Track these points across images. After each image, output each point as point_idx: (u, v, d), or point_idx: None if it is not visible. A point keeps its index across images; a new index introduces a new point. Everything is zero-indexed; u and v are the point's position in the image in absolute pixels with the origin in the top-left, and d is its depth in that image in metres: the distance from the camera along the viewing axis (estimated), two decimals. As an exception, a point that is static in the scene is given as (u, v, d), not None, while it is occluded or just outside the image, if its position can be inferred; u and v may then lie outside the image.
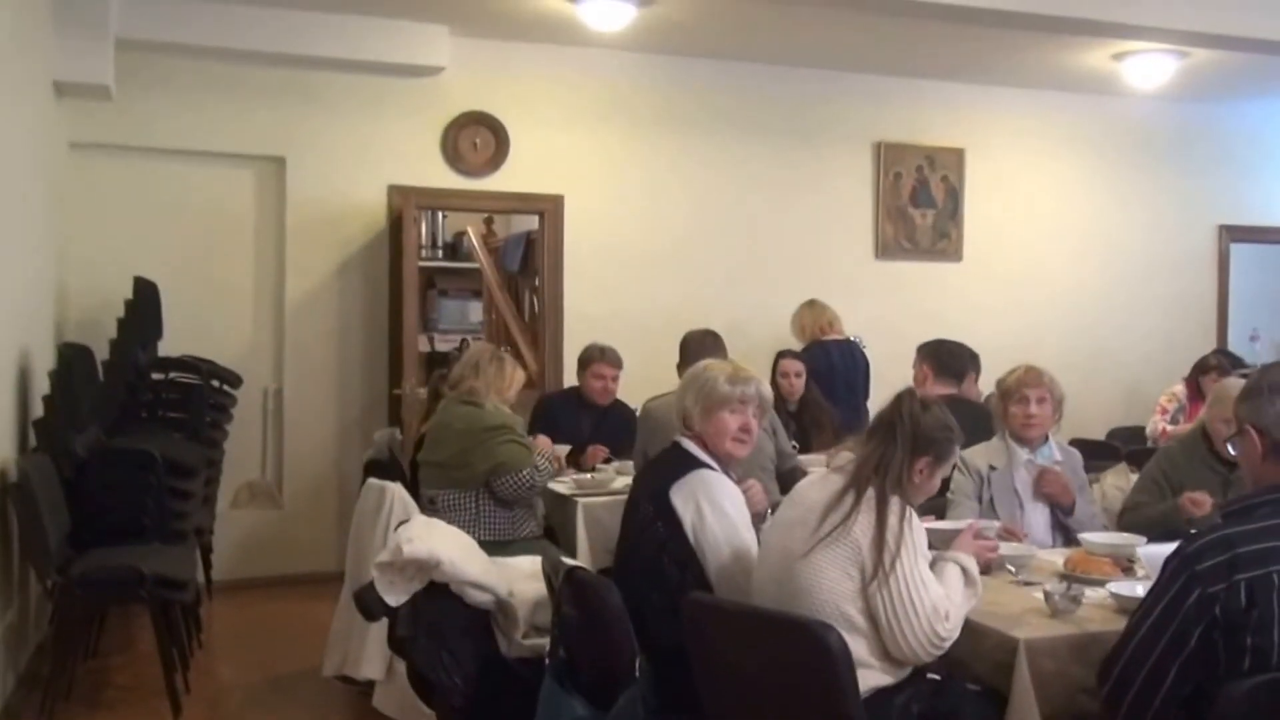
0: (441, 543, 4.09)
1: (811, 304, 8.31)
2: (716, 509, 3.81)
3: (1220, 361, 8.15)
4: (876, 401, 6.17)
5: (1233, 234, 10.65)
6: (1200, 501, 4.61)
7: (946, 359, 5.86)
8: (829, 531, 3.31)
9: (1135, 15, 7.18)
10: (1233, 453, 3.12)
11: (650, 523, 3.86)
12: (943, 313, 9.40)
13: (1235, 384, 5.26)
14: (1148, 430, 8.29)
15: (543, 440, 6.15)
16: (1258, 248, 11.03)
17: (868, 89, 9.45)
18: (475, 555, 4.19)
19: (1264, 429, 2.81)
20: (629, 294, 8.82)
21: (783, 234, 9.28)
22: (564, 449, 6.42)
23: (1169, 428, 7.93)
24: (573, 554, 5.57)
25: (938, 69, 9.26)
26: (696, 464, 3.94)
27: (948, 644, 3.31)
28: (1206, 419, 5.20)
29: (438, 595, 4.05)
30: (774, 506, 4.21)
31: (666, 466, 4.01)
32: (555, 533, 5.86)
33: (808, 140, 9.36)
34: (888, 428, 3.49)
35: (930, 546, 3.47)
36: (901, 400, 3.54)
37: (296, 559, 8.13)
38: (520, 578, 4.26)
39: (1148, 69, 8.65)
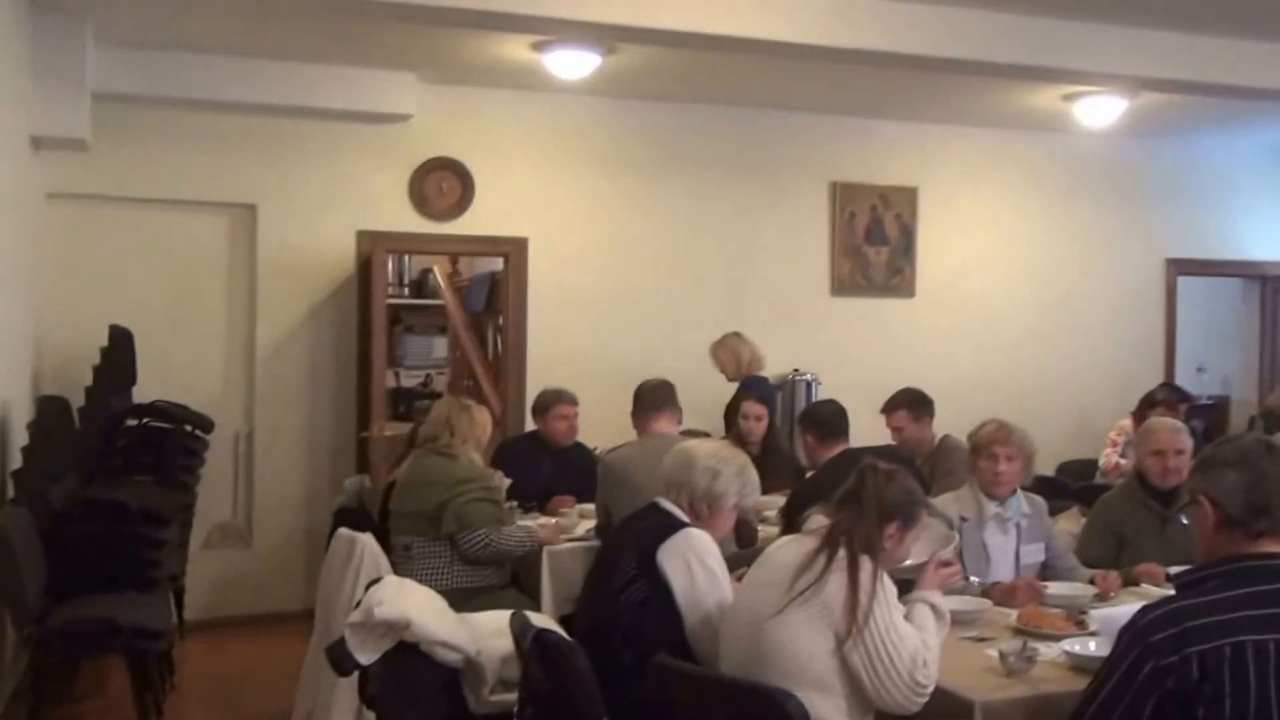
0: (412, 604, 4.10)
1: (740, 336, 8.24)
2: (705, 568, 3.87)
3: (1167, 396, 8.21)
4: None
5: (1180, 267, 10.72)
6: (1154, 573, 4.61)
7: (825, 423, 5.87)
8: (801, 591, 3.32)
9: (1086, 62, 7.27)
10: (1185, 522, 3.12)
11: (631, 581, 3.89)
12: (896, 348, 9.51)
13: (1162, 422, 5.37)
14: (1101, 464, 8.34)
15: (546, 528, 6.07)
16: (1204, 281, 11.12)
17: (823, 130, 9.50)
18: (444, 615, 4.19)
19: (1217, 500, 2.79)
20: (592, 335, 8.83)
21: (742, 272, 9.31)
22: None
23: (1122, 461, 7.95)
24: (537, 600, 5.60)
25: (891, 110, 9.33)
26: (680, 524, 4.00)
27: (930, 689, 3.31)
28: (1137, 457, 5.26)
29: (408, 653, 4.07)
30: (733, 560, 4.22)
31: (649, 526, 4.05)
32: (519, 578, 5.84)
33: (766, 180, 9.40)
34: (854, 500, 3.50)
35: (894, 581, 3.48)
36: (864, 473, 3.55)
37: (267, 599, 8.11)
38: (488, 634, 4.26)
39: (1097, 109, 8.71)
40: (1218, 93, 7.89)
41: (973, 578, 4.44)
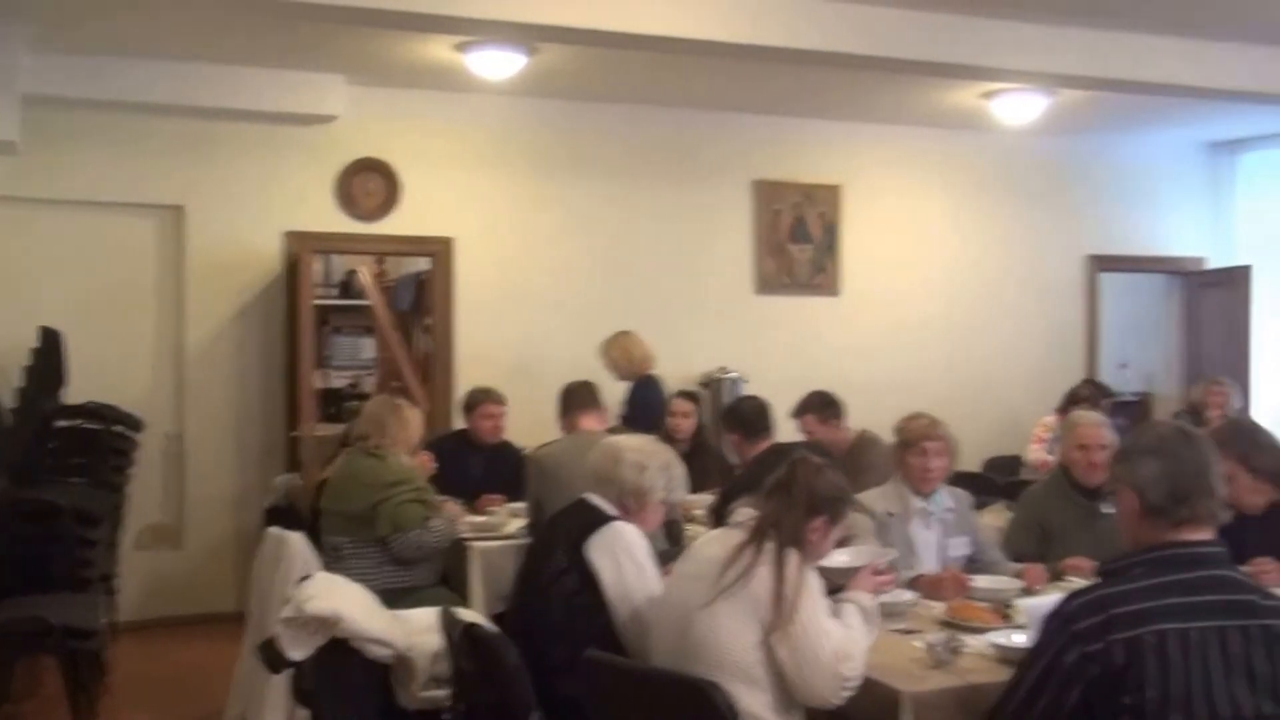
0: (343, 600, 4.10)
1: (630, 334, 8.15)
2: (633, 561, 3.91)
3: (1091, 392, 8.28)
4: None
5: (1102, 264, 10.82)
6: (1081, 567, 4.63)
7: (749, 420, 5.92)
8: (729, 584, 3.35)
9: (1004, 60, 7.34)
10: (1110, 512, 3.15)
11: (561, 575, 3.92)
12: (821, 345, 9.57)
13: (1087, 416, 5.42)
14: (1029, 459, 8.41)
15: (450, 507, 6.05)
16: (1126, 277, 11.24)
17: (747, 128, 9.54)
18: (375, 611, 4.19)
19: (1139, 489, 2.80)
20: (518, 334, 8.84)
21: (667, 271, 9.33)
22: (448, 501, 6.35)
23: (1049, 458, 7.97)
24: (466, 598, 5.59)
25: (814, 108, 9.38)
26: (608, 517, 4.03)
27: (854, 683, 3.34)
28: (1063, 452, 5.30)
29: (339, 650, 4.06)
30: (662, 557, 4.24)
31: (578, 520, 4.07)
32: (450, 577, 5.83)
33: (690, 179, 9.43)
34: (784, 491, 3.54)
35: (830, 584, 3.52)
36: (796, 465, 3.59)
37: (198, 599, 8.08)
38: (419, 630, 4.26)
39: (1017, 107, 8.79)
40: (1136, 89, 7.98)
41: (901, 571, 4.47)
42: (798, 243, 9.77)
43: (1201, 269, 11.14)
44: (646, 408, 7.65)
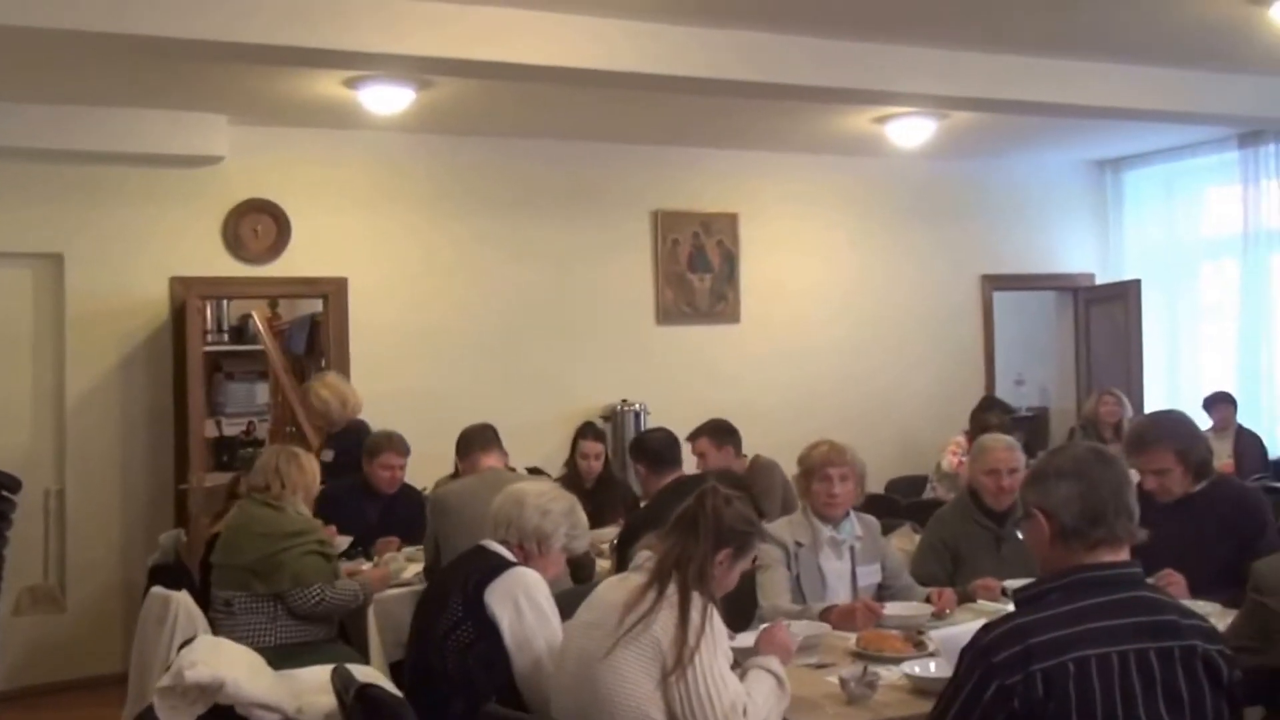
0: (226, 664, 3.80)
1: (340, 376, 7.73)
2: (535, 607, 3.71)
3: (1001, 420, 8.20)
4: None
5: (995, 283, 10.84)
6: (990, 588, 4.54)
7: (655, 452, 5.73)
8: (629, 629, 3.16)
9: (894, 83, 7.24)
10: (1021, 536, 3.02)
11: (458, 624, 3.71)
12: (723, 373, 9.41)
13: (996, 440, 5.30)
14: (943, 466, 8.30)
15: (371, 575, 5.73)
16: (1019, 295, 11.27)
17: (643, 159, 9.38)
18: (261, 674, 3.90)
19: (1052, 512, 2.70)
20: (415, 373, 8.55)
21: (566, 305, 9.13)
22: (345, 540, 6.06)
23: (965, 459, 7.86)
24: (365, 650, 5.32)
25: (711, 137, 9.25)
26: (508, 563, 3.83)
27: None
28: (971, 475, 5.19)
29: (223, 717, 3.75)
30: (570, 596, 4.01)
31: (476, 567, 3.86)
32: (347, 629, 5.53)
33: (587, 211, 9.25)
34: (690, 522, 3.35)
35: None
36: (705, 495, 3.41)
37: (83, 663, 7.66)
38: (310, 691, 3.98)
39: (908, 130, 8.75)
40: (1024, 110, 7.96)
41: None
42: (697, 272, 9.62)
43: (1091, 285, 11.22)
44: (353, 455, 6.96)
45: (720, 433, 6.72)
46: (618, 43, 6.46)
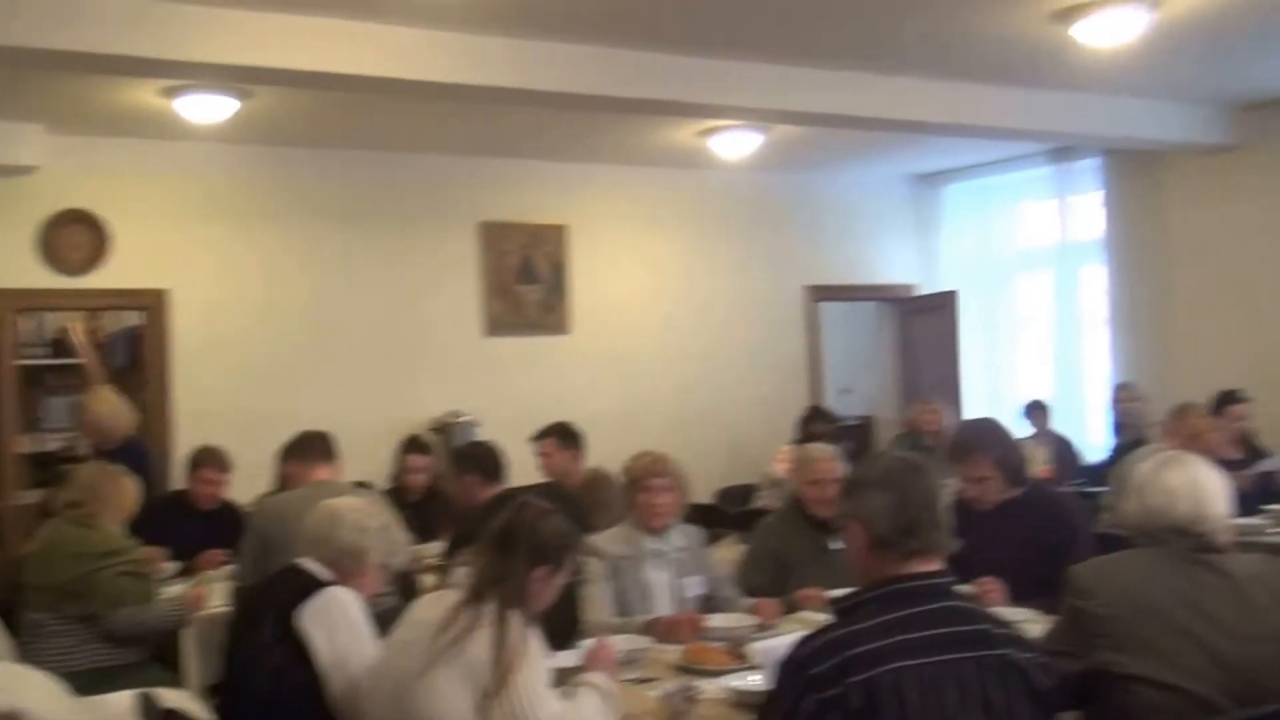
0: (24, 691, 3.56)
1: (114, 391, 7.27)
2: (349, 627, 3.57)
3: (827, 429, 8.25)
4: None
5: (819, 293, 10.94)
6: (815, 597, 4.50)
7: (480, 464, 5.62)
8: (445, 649, 3.05)
9: (718, 97, 7.20)
10: (842, 545, 2.98)
11: (271, 646, 3.54)
12: (553, 385, 9.35)
13: (820, 450, 5.29)
14: (772, 475, 8.22)
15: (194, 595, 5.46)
16: (844, 305, 11.42)
17: (470, 171, 9.28)
18: (61, 701, 3.67)
19: (866, 522, 2.70)
20: (238, 386, 8.35)
21: (392, 316, 9.00)
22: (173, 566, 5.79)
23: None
24: (181, 673, 5.09)
25: (537, 149, 9.18)
26: (322, 583, 3.67)
27: None
28: (796, 485, 5.17)
29: (23, 749, 3.52)
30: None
31: (289, 587, 3.69)
32: (164, 651, 5.28)
33: (413, 223, 9.13)
34: (506, 538, 3.26)
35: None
36: (522, 511, 3.32)
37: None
38: (115, 717, 3.76)
39: (733, 143, 8.77)
40: (842, 124, 8.00)
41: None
42: (526, 283, 9.55)
43: (912, 295, 11.41)
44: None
45: (567, 435, 6.73)
46: (438, 53, 6.32)
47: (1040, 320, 10.70)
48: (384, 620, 3.68)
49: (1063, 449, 8.95)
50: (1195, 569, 3.06)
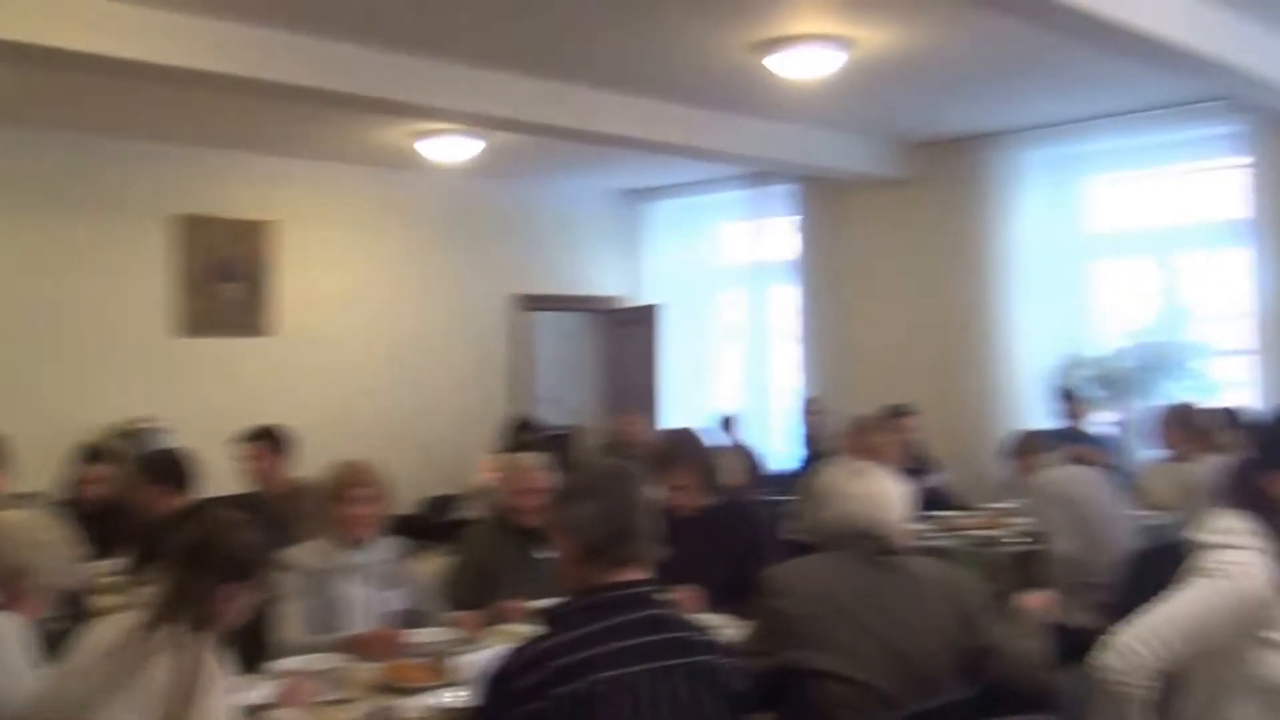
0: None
1: None
2: (5, 658, 3.21)
3: (534, 438, 8.17)
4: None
5: (529, 303, 10.91)
6: (520, 608, 4.36)
7: (167, 473, 5.34)
8: (121, 675, 2.79)
9: (429, 98, 7.01)
10: (549, 554, 2.93)
11: None
12: (255, 388, 8.98)
13: (522, 459, 5.23)
14: (477, 484, 8.06)
15: None
16: (553, 315, 11.41)
17: (164, 159, 8.75)
18: None
19: (576, 531, 2.70)
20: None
21: (71, 315, 8.36)
22: None
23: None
24: None
25: (243, 141, 8.77)
26: None
27: None
28: (503, 494, 5.08)
29: None
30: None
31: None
32: None
33: (96, 213, 8.49)
34: (194, 553, 2.98)
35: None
36: (211, 523, 3.06)
37: None
38: None
39: (446, 148, 8.64)
40: (550, 134, 7.98)
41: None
42: (225, 281, 9.08)
43: (619, 307, 11.53)
44: None
45: (278, 439, 6.43)
46: (130, 27, 5.80)
47: (735, 335, 10.98)
48: (54, 645, 3.36)
49: (751, 459, 9.15)
50: (876, 570, 3.20)
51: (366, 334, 9.83)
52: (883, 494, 3.31)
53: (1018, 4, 5.43)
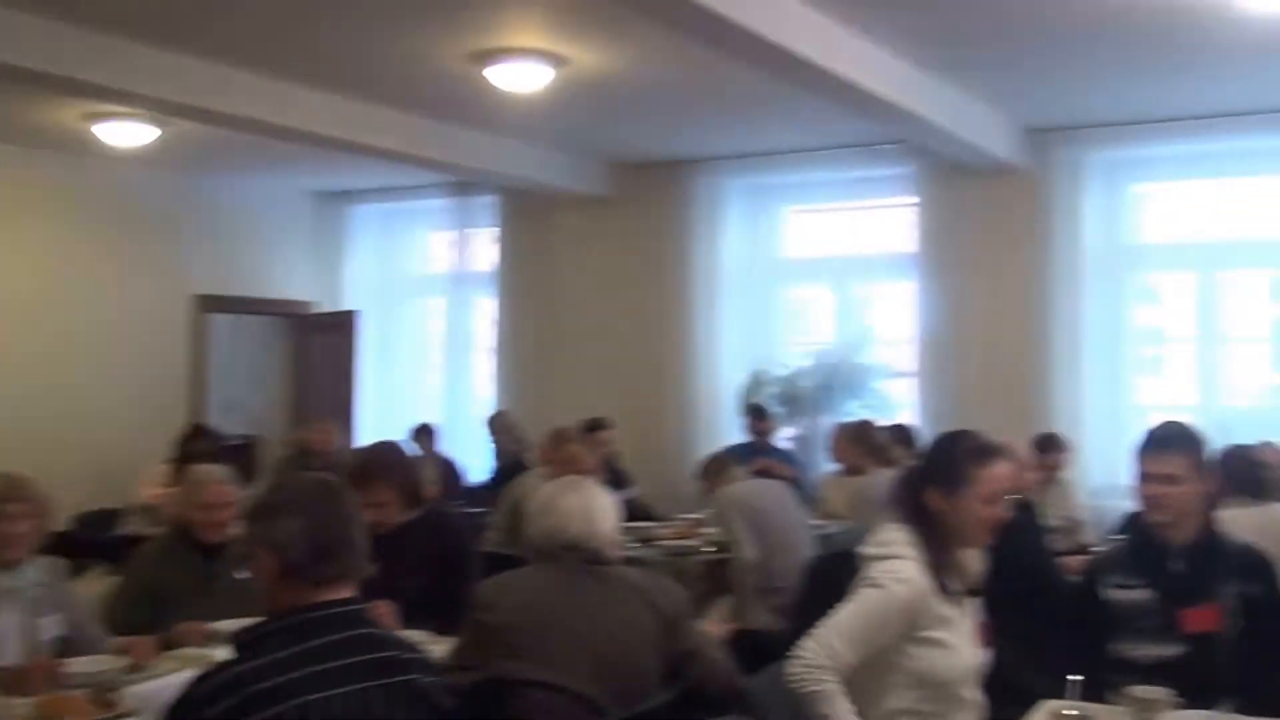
0: None
1: None
2: None
3: (210, 448, 7.70)
4: None
5: (209, 304, 10.38)
6: (195, 632, 4.06)
7: None
8: None
9: (101, 76, 6.39)
10: (245, 575, 2.72)
11: None
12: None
13: (209, 472, 4.86)
14: (144, 498, 7.51)
15: None
16: (235, 319, 10.90)
17: None
18: None
19: (277, 549, 2.53)
20: None
21: None
22: None
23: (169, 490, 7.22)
24: None
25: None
26: None
27: None
28: (181, 510, 4.72)
29: None
30: None
31: None
32: None
33: None
34: None
35: None
36: None
37: None
38: None
39: (124, 133, 8.04)
40: (240, 127, 7.51)
41: None
42: None
43: (312, 313, 11.19)
44: None
45: None
46: None
47: (434, 345, 10.88)
48: None
49: (448, 470, 8.99)
50: (586, 580, 3.31)
51: (24, 328, 8.95)
52: (594, 507, 3.41)
53: (698, 26, 5.41)
